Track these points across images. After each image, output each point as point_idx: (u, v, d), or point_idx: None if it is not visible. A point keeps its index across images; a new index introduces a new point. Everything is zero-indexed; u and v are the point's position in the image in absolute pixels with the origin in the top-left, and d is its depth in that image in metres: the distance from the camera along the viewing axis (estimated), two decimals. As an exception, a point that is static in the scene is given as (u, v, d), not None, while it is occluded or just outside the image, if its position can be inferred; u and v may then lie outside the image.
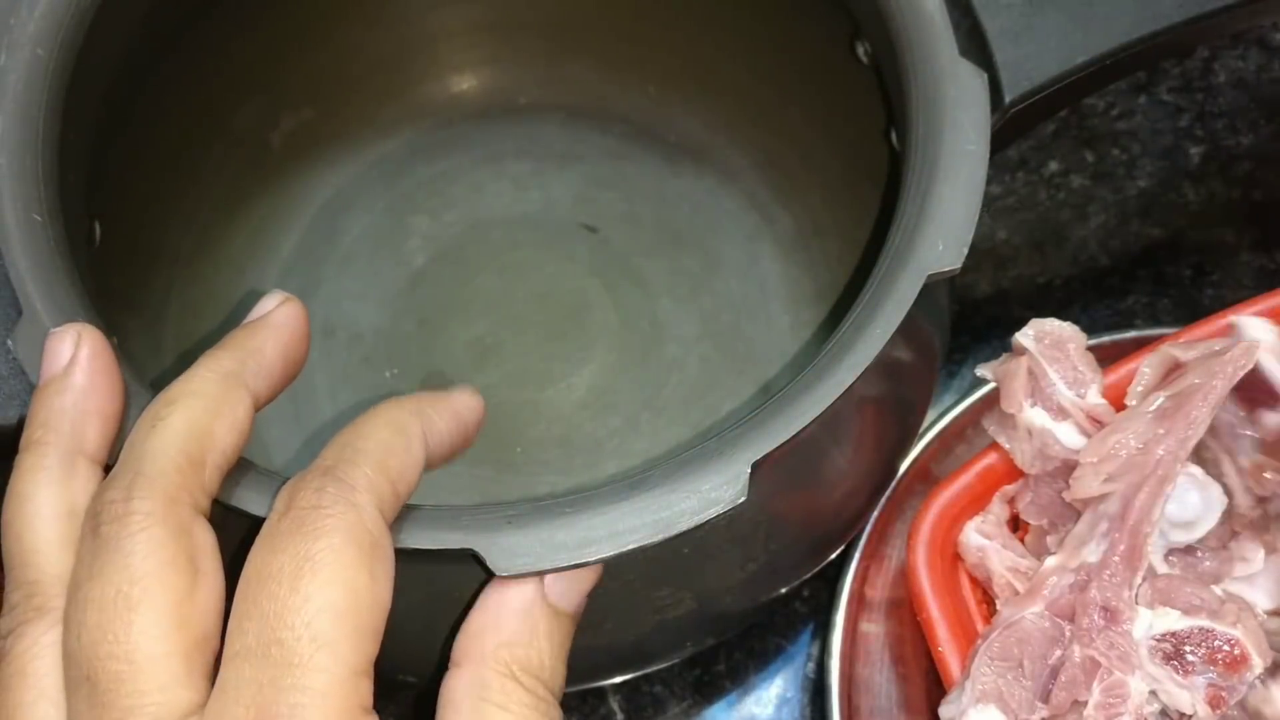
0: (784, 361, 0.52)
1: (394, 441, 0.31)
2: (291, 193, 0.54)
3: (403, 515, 0.32)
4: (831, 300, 0.52)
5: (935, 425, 0.50)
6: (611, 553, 0.32)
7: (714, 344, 0.52)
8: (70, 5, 0.39)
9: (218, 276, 0.52)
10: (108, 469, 0.31)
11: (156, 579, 0.28)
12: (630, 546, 0.32)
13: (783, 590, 0.40)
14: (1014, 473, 0.42)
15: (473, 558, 0.31)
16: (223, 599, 0.29)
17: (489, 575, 0.32)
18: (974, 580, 0.42)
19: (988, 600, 0.42)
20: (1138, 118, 0.60)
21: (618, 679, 0.47)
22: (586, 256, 0.53)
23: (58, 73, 0.39)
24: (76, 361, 0.32)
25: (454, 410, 0.34)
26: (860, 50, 0.44)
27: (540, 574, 0.32)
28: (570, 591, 0.32)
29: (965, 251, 0.35)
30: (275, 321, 0.35)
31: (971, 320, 0.57)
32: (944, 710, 0.39)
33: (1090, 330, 0.55)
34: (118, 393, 0.33)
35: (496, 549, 0.31)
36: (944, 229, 0.35)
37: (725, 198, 0.54)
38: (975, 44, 0.40)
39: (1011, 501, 0.43)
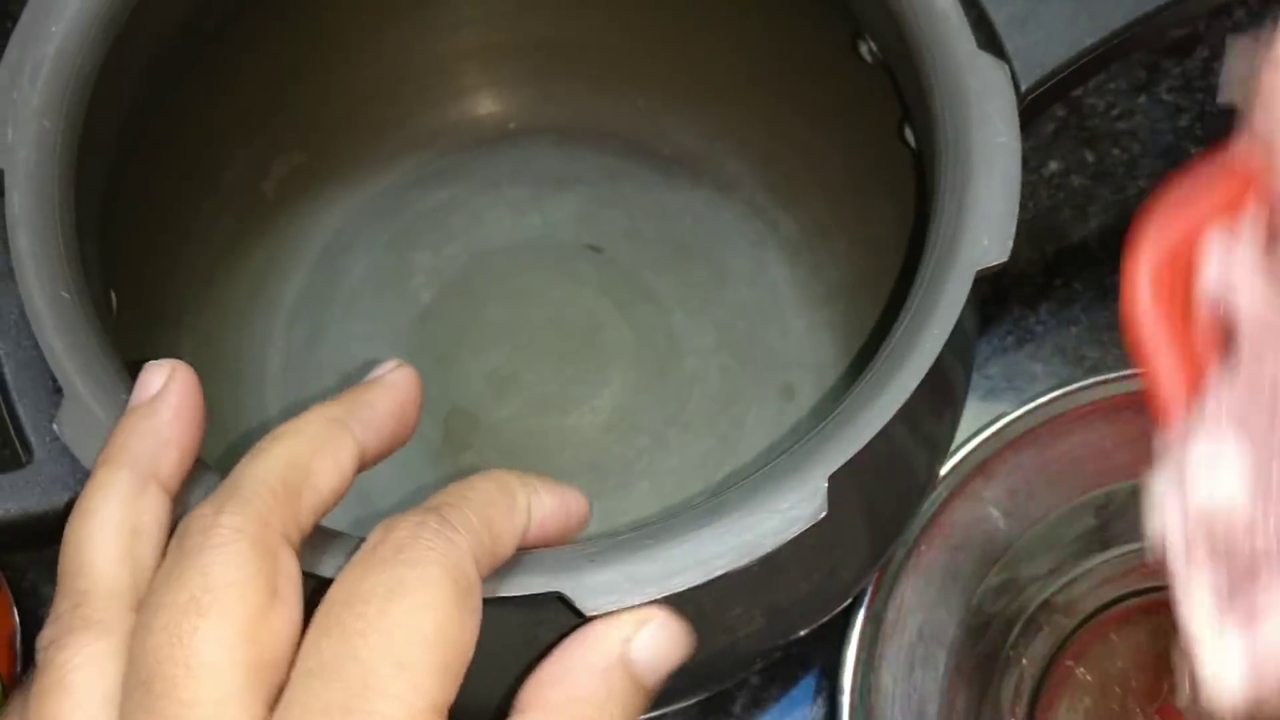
0: (803, 364, 0.52)
1: (500, 500, 0.31)
2: (289, 239, 0.53)
3: None
4: (843, 299, 0.52)
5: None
6: (700, 580, 0.31)
7: (731, 353, 0.52)
8: (70, 75, 0.38)
9: (223, 329, 0.52)
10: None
11: (233, 590, 0.27)
12: (718, 573, 0.31)
13: (849, 598, 0.40)
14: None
15: (559, 600, 0.31)
16: (298, 631, 0.28)
17: (578, 617, 0.31)
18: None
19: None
20: (1138, 118, 0.60)
21: (681, 705, 0.47)
22: (594, 277, 0.53)
23: (66, 146, 0.38)
24: (166, 391, 0.32)
25: (562, 496, 0.33)
26: (864, 49, 0.44)
27: (628, 611, 0.31)
28: (656, 663, 0.31)
29: (1010, 244, 0.35)
30: (388, 381, 0.35)
31: (970, 319, 0.57)
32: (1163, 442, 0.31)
33: (1091, 331, 0.56)
34: (198, 430, 0.32)
35: (582, 589, 0.31)
36: (986, 224, 0.36)
37: (725, 206, 0.54)
38: (983, 34, 0.40)
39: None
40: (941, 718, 0.47)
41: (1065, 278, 0.57)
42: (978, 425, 0.52)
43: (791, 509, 0.32)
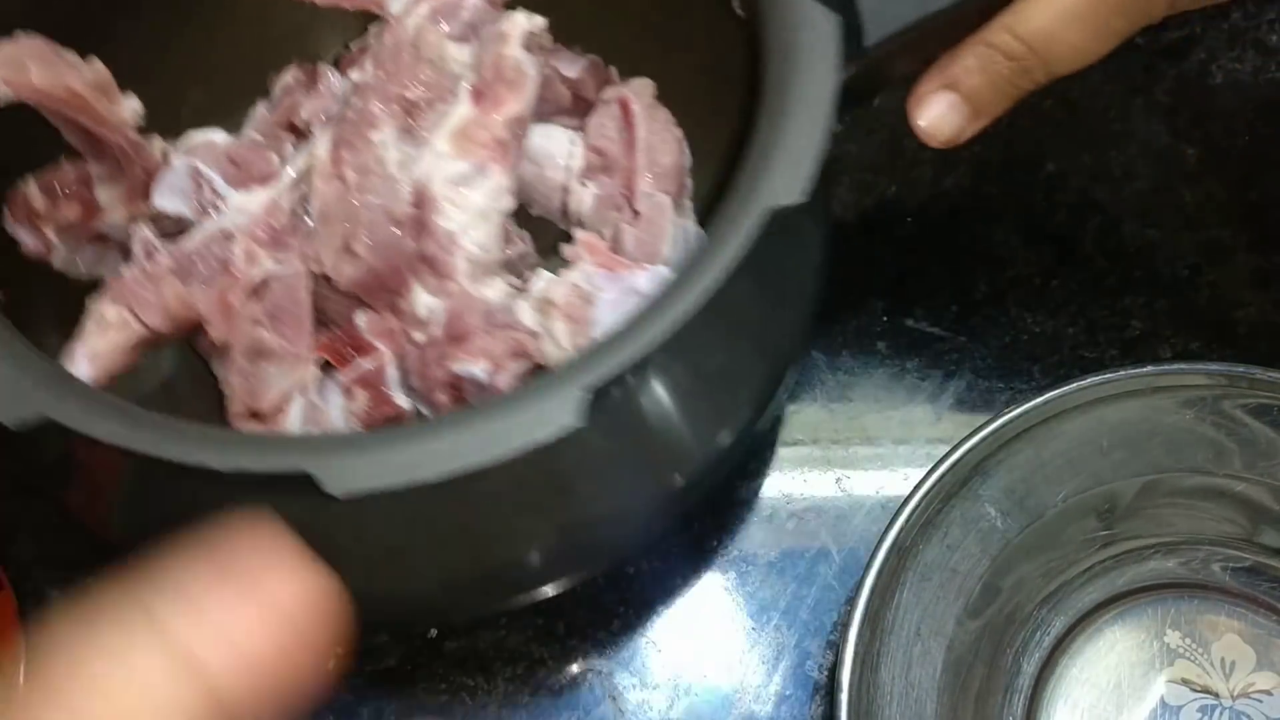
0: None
1: None
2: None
3: (233, 440, 0.33)
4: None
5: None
6: (443, 471, 0.32)
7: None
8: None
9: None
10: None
11: None
12: (462, 466, 0.32)
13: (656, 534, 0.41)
14: None
15: (307, 480, 0.31)
16: None
17: (325, 500, 0.31)
18: None
19: None
20: (1134, 119, 0.60)
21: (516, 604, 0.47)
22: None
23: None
24: None
25: None
26: (735, 2, 0.44)
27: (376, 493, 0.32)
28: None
29: (808, 186, 0.36)
30: None
31: (969, 320, 0.57)
32: None
33: (1088, 331, 0.56)
34: None
35: (332, 470, 0.32)
36: (787, 165, 0.36)
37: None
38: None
39: None
40: (939, 715, 0.47)
41: (1061, 278, 0.57)
42: (975, 424, 0.51)
43: (548, 415, 0.33)
